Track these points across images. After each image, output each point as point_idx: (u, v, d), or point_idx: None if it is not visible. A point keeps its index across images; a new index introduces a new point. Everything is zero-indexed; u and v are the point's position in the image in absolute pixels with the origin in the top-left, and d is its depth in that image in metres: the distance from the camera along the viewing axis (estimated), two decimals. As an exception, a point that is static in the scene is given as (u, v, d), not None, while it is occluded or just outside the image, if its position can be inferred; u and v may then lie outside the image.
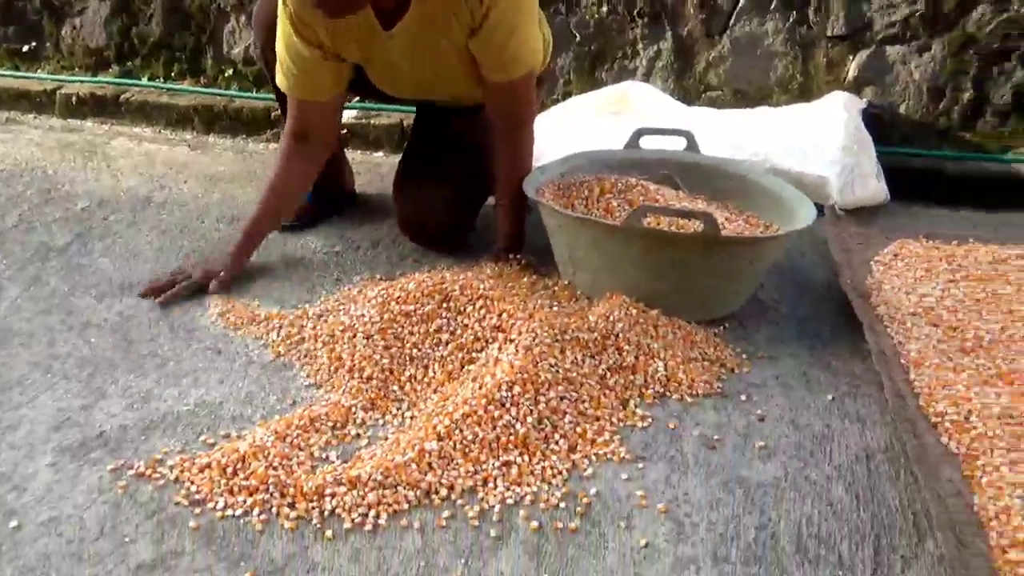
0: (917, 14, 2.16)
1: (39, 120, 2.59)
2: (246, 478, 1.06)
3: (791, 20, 2.25)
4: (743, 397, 1.29)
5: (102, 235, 1.77)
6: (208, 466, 1.08)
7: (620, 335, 1.34)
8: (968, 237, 1.81)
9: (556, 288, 1.54)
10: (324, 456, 1.13)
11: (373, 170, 2.21)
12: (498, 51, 1.48)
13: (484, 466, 1.09)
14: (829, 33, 2.24)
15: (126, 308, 1.50)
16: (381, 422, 1.21)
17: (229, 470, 1.07)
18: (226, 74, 2.67)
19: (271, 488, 1.04)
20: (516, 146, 1.61)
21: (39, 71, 2.80)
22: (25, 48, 2.85)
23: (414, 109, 1.95)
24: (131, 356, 1.35)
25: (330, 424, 1.19)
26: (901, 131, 2.25)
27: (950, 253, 1.73)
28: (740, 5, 2.27)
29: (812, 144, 1.95)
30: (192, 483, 1.05)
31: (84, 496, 1.03)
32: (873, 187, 1.98)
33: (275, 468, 1.08)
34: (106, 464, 1.09)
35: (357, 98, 2.50)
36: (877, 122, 2.19)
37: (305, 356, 1.35)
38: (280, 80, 1.56)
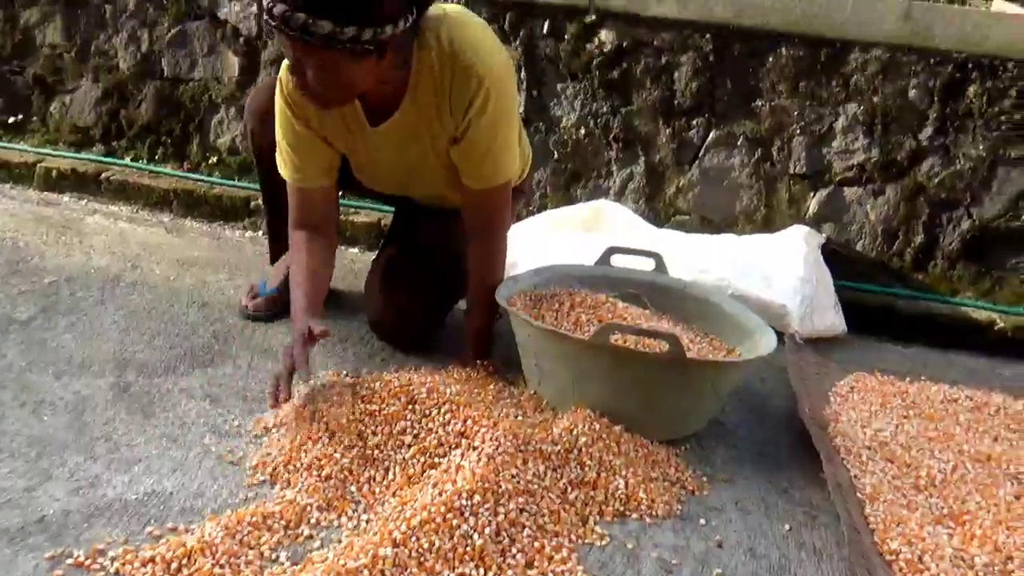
0: (872, 160, 2.32)
1: (16, 191, 2.59)
2: (190, 575, 1.01)
3: (756, 156, 2.39)
4: (702, 520, 1.29)
5: (67, 311, 1.75)
6: (152, 560, 1.03)
7: (583, 449, 1.34)
8: (920, 375, 1.87)
9: (522, 397, 1.55)
10: (274, 557, 1.09)
11: (347, 266, 2.24)
12: (478, 161, 1.53)
13: (439, 577, 1.07)
14: (791, 171, 2.38)
15: (83, 388, 1.46)
16: (336, 524, 1.18)
17: (173, 566, 1.02)
18: (210, 161, 2.72)
19: (215, 588, 1.00)
20: (488, 254, 1.64)
21: (22, 143, 2.82)
22: (11, 120, 2.88)
23: (392, 209, 2.00)
24: (83, 438, 1.31)
25: (283, 523, 1.15)
26: (857, 268, 2.36)
27: (903, 389, 1.79)
28: (709, 139, 2.41)
29: (774, 273, 2.04)
30: (133, 578, 1.01)
31: (16, 585, 0.98)
32: (831, 319, 2.05)
33: (221, 567, 1.04)
34: (44, 551, 1.04)
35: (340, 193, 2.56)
36: (835, 257, 2.31)
37: (262, 450, 1.33)
38: (282, 169, 1.59)
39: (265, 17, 1.30)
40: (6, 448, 1.27)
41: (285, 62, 1.42)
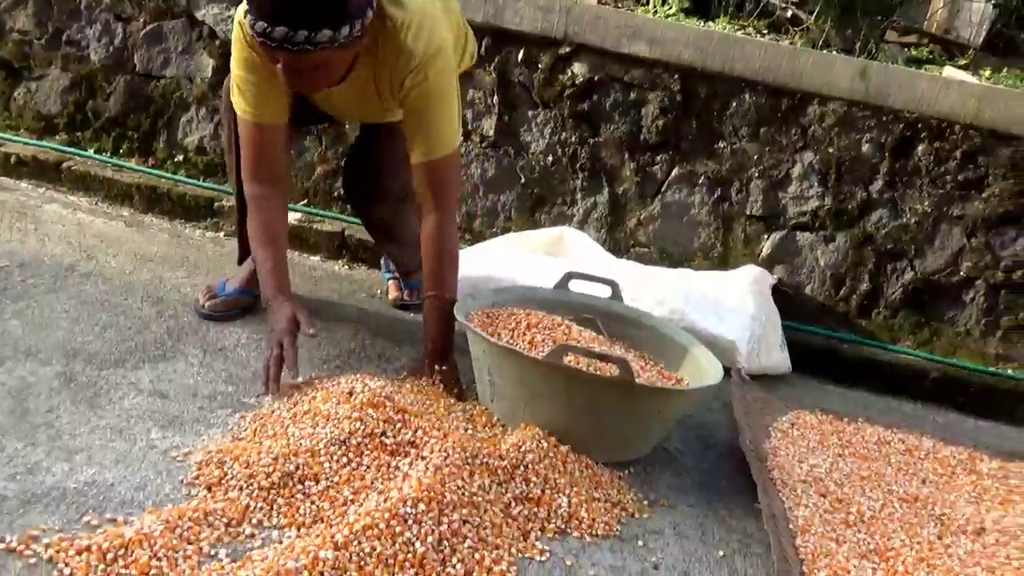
0: (825, 208, 2.41)
1: (-31, 176, 2.54)
2: (126, 566, 1.01)
3: (716, 195, 2.47)
4: (640, 542, 1.31)
5: (17, 297, 1.72)
6: (87, 549, 1.02)
7: (529, 466, 1.36)
8: (858, 416, 1.94)
9: (474, 412, 1.56)
10: (213, 553, 1.08)
11: (307, 273, 2.24)
12: (416, 130, 1.60)
13: (377, 582, 1.07)
14: (748, 212, 2.46)
15: (28, 374, 1.44)
16: (278, 524, 1.17)
17: (109, 556, 1.01)
18: (176, 159, 2.70)
19: (151, 581, 0.99)
20: (439, 237, 1.65)
21: (-20, 127, 2.77)
22: (-28, 102, 2.83)
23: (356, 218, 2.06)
24: (24, 425, 1.29)
25: (224, 520, 1.15)
26: (805, 310, 2.44)
27: (841, 429, 1.85)
28: (672, 175, 2.48)
29: (726, 309, 2.10)
30: (67, 565, 0.99)
31: (-57, 567, 0.96)
32: (777, 357, 2.12)
33: (159, 559, 1.03)
34: (-25, 535, 1.02)
35: (303, 203, 2.56)
36: (785, 298, 2.38)
37: (207, 451, 1.32)
38: (239, 105, 1.61)
39: (260, 40, 1.36)
40: (-55, 431, 1.24)
41: (242, 6, 1.45)
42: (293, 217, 2.43)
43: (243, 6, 1.43)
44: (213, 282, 1.89)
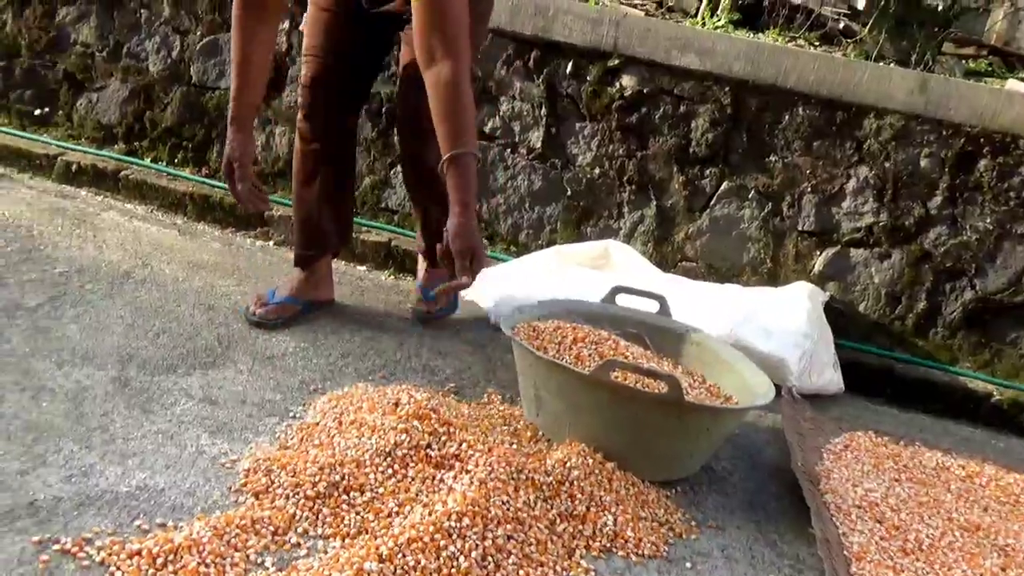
0: (880, 224, 2.35)
1: (35, 182, 2.62)
2: (175, 571, 1.02)
3: (766, 210, 2.42)
4: (688, 564, 1.28)
5: (75, 302, 1.76)
6: (138, 553, 1.03)
7: (575, 483, 1.34)
8: (915, 440, 1.88)
9: (519, 426, 1.55)
10: (259, 561, 1.09)
11: (354, 283, 2.26)
12: None
13: (422, 597, 1.06)
14: (800, 228, 2.41)
15: (84, 378, 1.47)
16: (324, 535, 1.18)
17: (159, 560, 1.03)
18: (229, 169, 2.76)
19: (199, 587, 1.00)
20: (454, 85, 1.46)
21: (46, 136, 2.86)
22: (37, 112, 2.93)
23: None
24: (80, 427, 1.32)
25: (271, 529, 1.15)
26: (858, 328, 2.38)
27: (897, 452, 1.79)
28: (721, 189, 2.44)
29: (776, 327, 2.05)
30: (118, 568, 1.01)
31: (1, 565, 0.98)
32: (829, 376, 2.06)
33: (207, 566, 1.04)
34: (31, 535, 1.04)
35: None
36: (837, 316, 2.32)
37: (254, 458, 1.33)
38: None
39: None
40: (3, 431, 1.27)
41: None
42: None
43: None
44: (263, 290, 1.92)
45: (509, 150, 2.56)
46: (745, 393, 1.63)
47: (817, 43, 3.47)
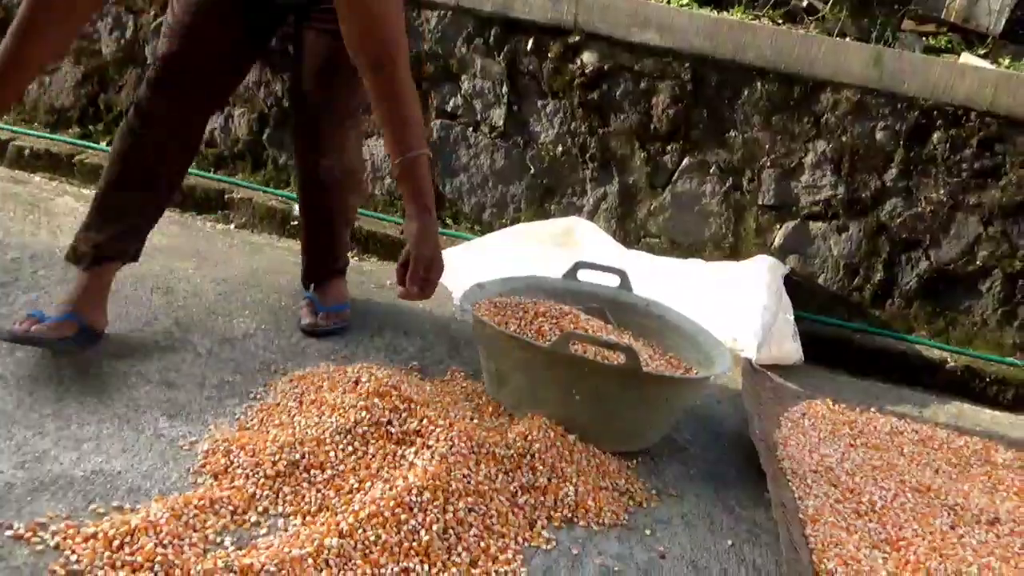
0: (838, 197, 2.39)
1: (-17, 167, 2.56)
2: (131, 553, 1.01)
3: (727, 185, 2.44)
4: (648, 531, 1.31)
5: (28, 288, 1.73)
6: (94, 536, 1.03)
7: (536, 455, 1.36)
8: (870, 406, 1.92)
9: (480, 401, 1.56)
10: (219, 541, 1.09)
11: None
12: None
13: (383, 570, 1.07)
14: (760, 202, 2.44)
15: (37, 364, 1.45)
16: (284, 512, 1.18)
17: (115, 543, 1.02)
18: (187, 152, 2.71)
19: (156, 567, 1.00)
20: (397, 101, 1.41)
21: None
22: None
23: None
24: (32, 414, 1.30)
25: (230, 508, 1.15)
26: (818, 300, 2.42)
27: (853, 419, 1.83)
28: (682, 165, 2.46)
29: (737, 299, 2.08)
30: (73, 552, 1.00)
31: (-49, 553, 0.97)
32: (788, 347, 2.10)
33: (164, 546, 1.03)
34: (-17, 521, 1.03)
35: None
36: (797, 288, 2.36)
37: (213, 440, 1.32)
38: None
39: None
40: (-47, 418, 1.25)
41: None
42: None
43: None
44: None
45: (471, 128, 2.55)
46: (705, 364, 1.66)
47: (781, 20, 3.50)
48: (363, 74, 1.41)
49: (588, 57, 2.45)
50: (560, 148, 2.51)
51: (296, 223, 2.42)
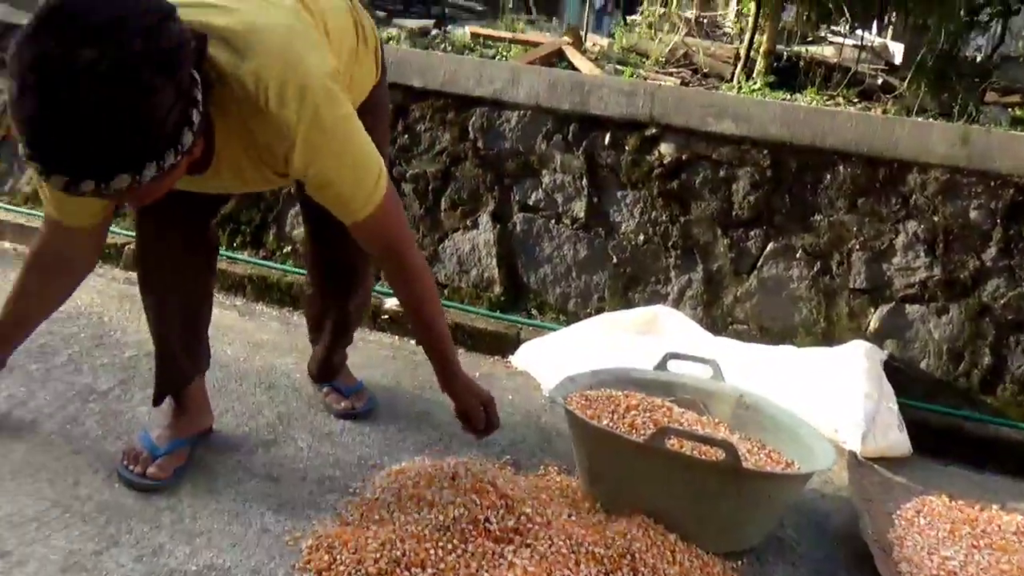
0: (934, 279, 2.31)
1: (103, 270, 2.75)
2: (244, 653, 1.02)
3: (815, 270, 2.41)
4: (758, 639, 1.24)
5: (144, 384, 1.83)
6: (208, 635, 1.05)
7: (637, 556, 1.32)
8: (991, 503, 1.80)
9: (576, 497, 1.54)
10: (325, 641, 1.09)
11: (407, 357, 2.29)
12: (336, 200, 1.28)
13: (487, 676, 1.05)
14: (851, 286, 2.38)
15: (152, 459, 1.52)
16: (387, 613, 1.18)
17: (229, 642, 1.04)
18: (284, 250, 2.86)
19: (268, 668, 1.01)
20: (406, 280, 1.43)
21: (113, 226, 3.02)
22: (106, 205, 3.10)
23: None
24: (149, 507, 1.36)
25: (335, 607, 1.16)
26: (922, 387, 2.31)
27: (973, 516, 1.71)
28: (767, 250, 2.44)
29: (835, 387, 2.02)
30: (190, 651, 1.02)
31: (78, 649, 1.01)
32: (895, 438, 2.00)
33: (275, 647, 1.05)
34: (106, 617, 1.07)
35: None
36: (897, 375, 2.27)
37: (317, 535, 1.34)
38: (46, 205, 1.33)
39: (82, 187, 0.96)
40: (78, 512, 1.32)
41: None
42: (393, 303, 2.51)
43: None
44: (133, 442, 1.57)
45: (553, 221, 2.62)
46: (807, 458, 1.60)
47: (856, 100, 3.50)
48: (383, 263, 1.46)
49: (665, 148, 2.50)
50: (642, 237, 2.54)
51: (386, 316, 2.50)
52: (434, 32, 4.92)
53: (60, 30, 0.90)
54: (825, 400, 1.97)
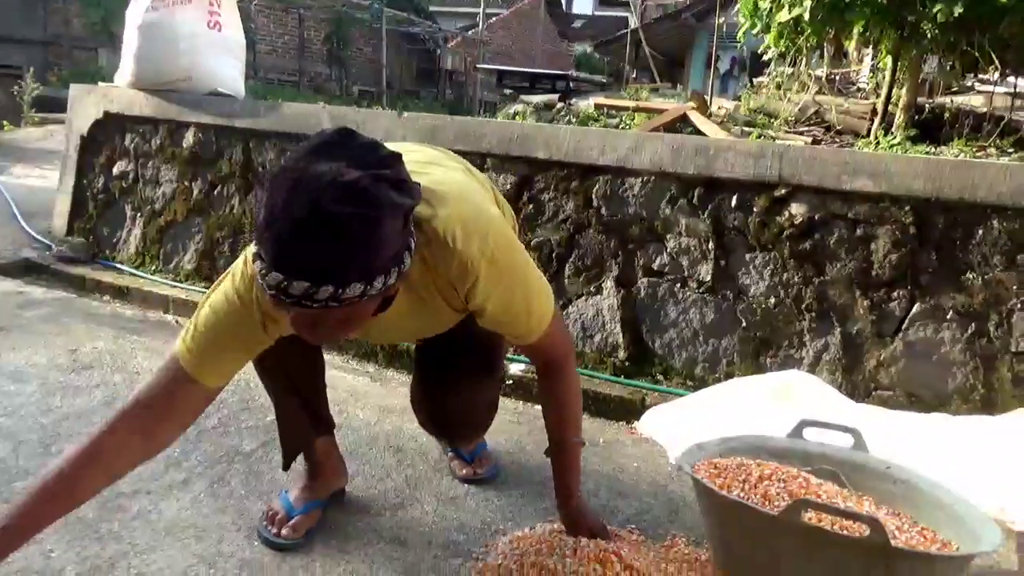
0: (1115, 341, 2.07)
1: (253, 338, 2.97)
2: None
3: (970, 331, 2.22)
4: None
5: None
6: None
7: (772, 637, 1.23)
8: None
9: (706, 571, 1.47)
10: None
11: (532, 421, 2.30)
12: (513, 326, 1.36)
13: None
14: (1013, 349, 2.18)
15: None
16: None
17: None
18: (415, 319, 2.98)
19: None
20: (562, 391, 1.49)
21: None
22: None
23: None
24: (285, 566, 1.42)
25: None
26: (1105, 462, 2.05)
27: None
28: (913, 312, 2.29)
29: (999, 461, 1.83)
30: None
31: None
32: (1073, 519, 1.78)
33: None
34: (242, 671, 1.12)
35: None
36: (1074, 448, 2.02)
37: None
38: (181, 337, 1.27)
39: (271, 293, 1.04)
40: (221, 568, 1.40)
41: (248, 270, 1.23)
42: (518, 368, 2.54)
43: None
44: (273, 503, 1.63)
45: (679, 285, 2.58)
46: (967, 539, 1.44)
47: (1011, 150, 3.26)
48: (539, 372, 1.51)
49: (796, 208, 2.42)
50: (772, 300, 2.45)
51: (511, 381, 2.53)
52: (559, 105, 5.08)
53: (329, 152, 1.04)
54: (988, 474, 1.78)
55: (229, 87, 3.62)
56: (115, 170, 3.69)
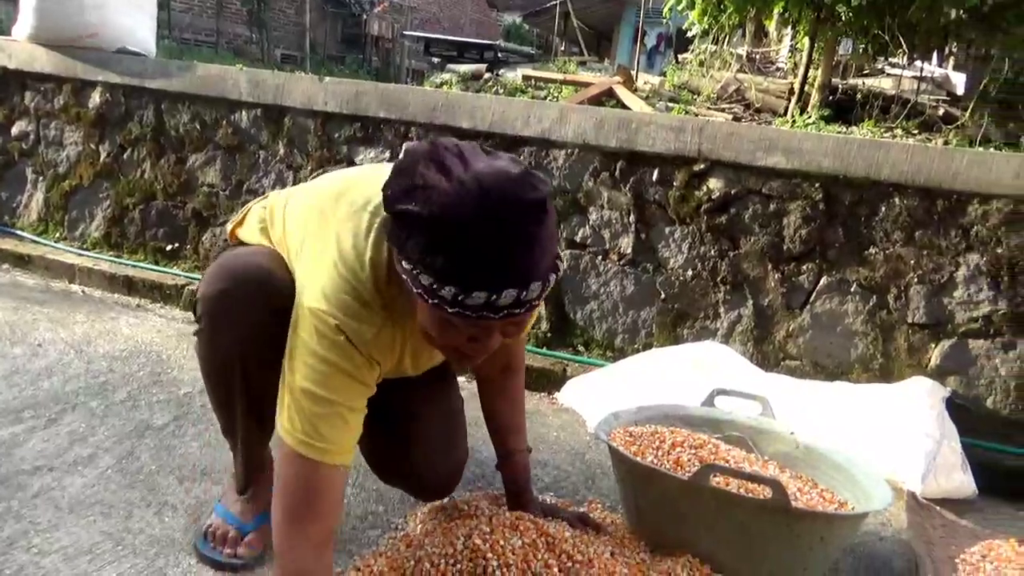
0: (999, 313, 2.22)
1: (165, 310, 2.86)
2: None
3: (871, 304, 2.33)
4: None
5: (196, 421, 1.89)
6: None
7: (680, 597, 1.28)
8: (1065, 548, 1.69)
9: (621, 535, 1.51)
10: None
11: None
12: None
13: None
14: (910, 320, 2.30)
15: (203, 493, 1.56)
16: (423, 651, 1.17)
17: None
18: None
19: None
20: (518, 397, 1.54)
21: (175, 268, 3.15)
22: (168, 247, 3.24)
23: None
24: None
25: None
26: (989, 426, 2.21)
27: (1045, 562, 1.61)
28: (820, 285, 2.39)
29: (894, 426, 1.94)
30: None
31: None
32: (958, 479, 1.91)
33: None
34: (149, 648, 1.09)
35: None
36: (961, 413, 2.17)
37: (358, 569, 1.35)
38: (289, 430, 1.12)
39: (476, 314, 1.01)
40: (129, 545, 1.35)
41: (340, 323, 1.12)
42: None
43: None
44: (214, 521, 1.43)
45: (600, 257, 2.62)
46: (862, 499, 1.53)
47: (916, 132, 3.42)
48: (495, 381, 1.52)
49: (714, 183, 2.48)
50: (690, 272, 2.51)
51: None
52: (486, 76, 5.04)
53: (453, 160, 1.03)
54: (882, 439, 1.89)
55: (139, 45, 3.44)
56: (14, 130, 3.47)
